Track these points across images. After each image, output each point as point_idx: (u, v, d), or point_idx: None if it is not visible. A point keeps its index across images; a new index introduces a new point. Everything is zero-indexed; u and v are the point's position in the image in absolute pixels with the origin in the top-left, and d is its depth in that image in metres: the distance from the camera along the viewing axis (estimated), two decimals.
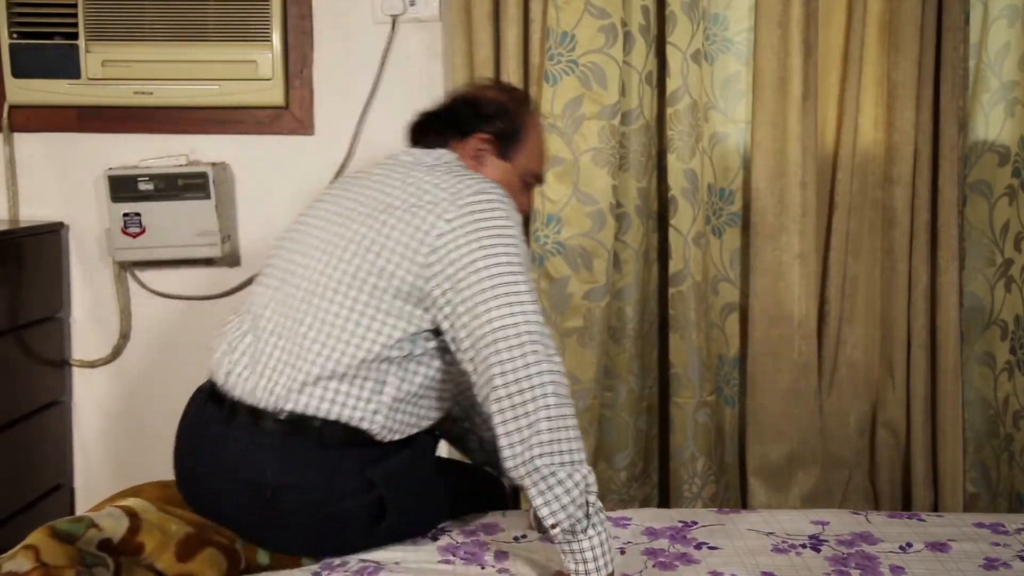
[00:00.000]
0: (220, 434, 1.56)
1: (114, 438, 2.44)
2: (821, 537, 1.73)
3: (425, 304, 1.50)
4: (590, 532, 1.44)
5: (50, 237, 2.33)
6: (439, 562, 1.60)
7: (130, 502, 1.50)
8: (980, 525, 1.80)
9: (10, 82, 2.28)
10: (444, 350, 1.55)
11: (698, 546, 1.69)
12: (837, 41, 2.22)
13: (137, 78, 2.29)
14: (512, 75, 2.16)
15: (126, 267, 2.38)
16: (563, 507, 1.42)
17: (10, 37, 2.27)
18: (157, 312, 2.40)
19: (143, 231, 2.25)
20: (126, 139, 2.34)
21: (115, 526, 1.43)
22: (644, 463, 2.32)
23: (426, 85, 2.33)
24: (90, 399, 2.43)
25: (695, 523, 1.79)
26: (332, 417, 1.51)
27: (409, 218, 1.51)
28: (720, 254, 2.31)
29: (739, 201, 2.30)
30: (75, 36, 2.26)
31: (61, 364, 2.39)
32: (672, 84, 2.17)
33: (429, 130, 1.74)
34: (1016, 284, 2.29)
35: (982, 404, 2.34)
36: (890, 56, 2.19)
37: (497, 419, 1.43)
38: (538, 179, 1.82)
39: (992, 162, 2.28)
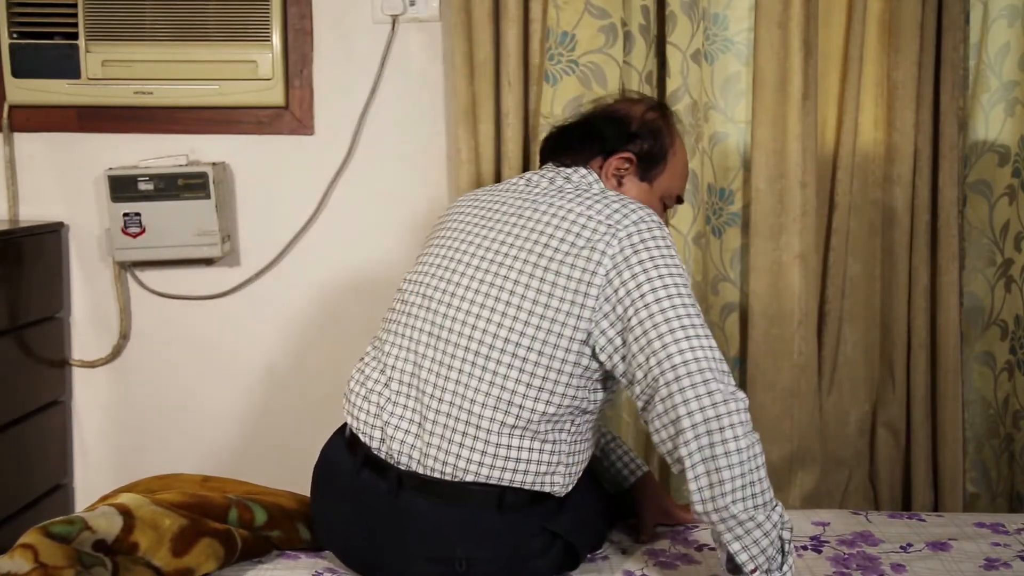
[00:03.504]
0: (395, 507, 1.49)
1: (114, 438, 2.44)
2: (822, 538, 1.73)
3: (596, 350, 1.44)
4: (784, 568, 1.42)
5: (50, 237, 2.33)
6: None
7: (123, 498, 1.50)
8: (980, 525, 1.81)
9: (10, 82, 2.28)
10: (608, 390, 1.51)
11: (699, 548, 1.69)
12: (837, 41, 2.22)
13: (137, 78, 2.29)
14: (512, 75, 2.16)
15: (126, 267, 2.38)
16: (762, 551, 1.40)
17: (10, 37, 2.27)
18: (157, 312, 2.40)
19: (143, 231, 2.25)
20: (126, 139, 2.34)
21: (108, 526, 1.43)
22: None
23: (426, 85, 2.34)
24: (90, 399, 2.43)
25: (696, 525, 1.79)
26: (516, 484, 1.46)
27: (571, 262, 1.44)
28: (720, 254, 2.31)
29: (739, 201, 2.30)
30: (75, 36, 2.26)
31: (61, 364, 2.39)
32: (672, 84, 2.16)
33: (568, 147, 1.65)
34: (1016, 284, 2.29)
35: (982, 404, 2.34)
36: (890, 56, 2.19)
37: (686, 463, 1.38)
38: (679, 200, 1.75)
39: (992, 162, 2.28)
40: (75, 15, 2.26)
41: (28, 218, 2.36)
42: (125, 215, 2.24)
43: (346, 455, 1.58)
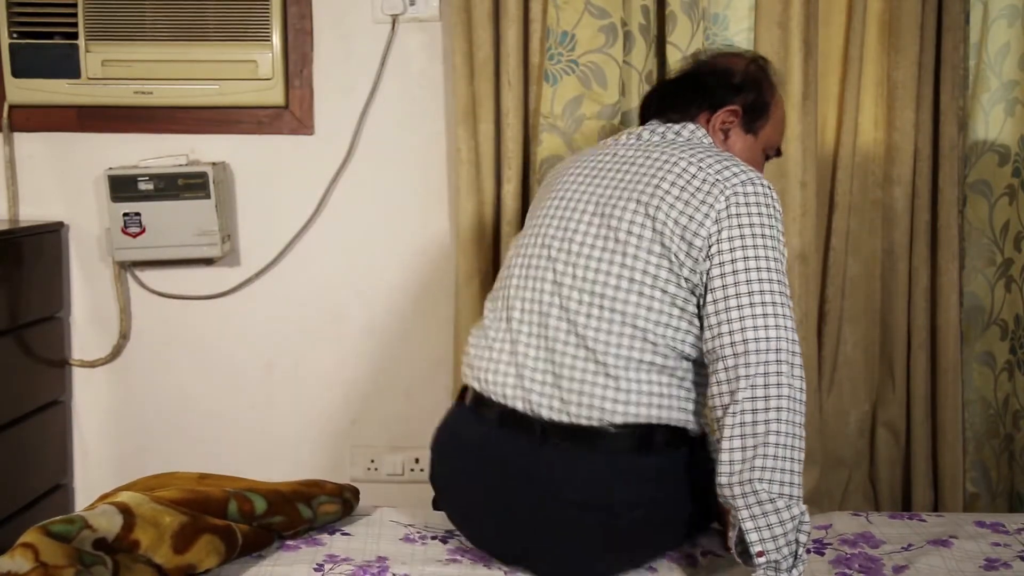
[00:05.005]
0: (540, 459, 1.47)
1: (114, 438, 2.44)
2: (824, 540, 1.72)
3: (697, 295, 1.45)
4: (794, 572, 1.39)
5: (50, 237, 2.33)
6: (447, 561, 1.60)
7: (122, 497, 1.50)
8: (980, 525, 1.80)
9: (10, 82, 2.28)
10: None
11: (704, 553, 1.68)
12: (837, 41, 2.22)
13: (137, 78, 2.29)
14: (512, 75, 2.16)
15: (126, 267, 2.38)
16: (773, 537, 1.37)
17: (10, 37, 2.27)
18: (157, 312, 2.40)
19: (143, 231, 2.25)
20: (126, 139, 2.34)
21: (109, 525, 1.43)
22: None
23: (426, 85, 2.34)
24: (90, 399, 2.43)
25: None
26: (657, 420, 1.46)
27: (681, 208, 1.44)
28: None
29: None
30: (75, 36, 2.26)
31: (61, 364, 2.39)
32: None
33: (674, 102, 1.65)
34: (1016, 284, 2.29)
35: (982, 404, 2.34)
36: (890, 56, 2.19)
37: (726, 432, 1.38)
38: (778, 152, 1.76)
39: (992, 162, 2.28)
40: (75, 15, 2.26)
41: (28, 218, 2.36)
42: (125, 215, 2.24)
43: (474, 421, 1.56)
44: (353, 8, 2.31)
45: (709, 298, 1.42)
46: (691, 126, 1.61)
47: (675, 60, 2.15)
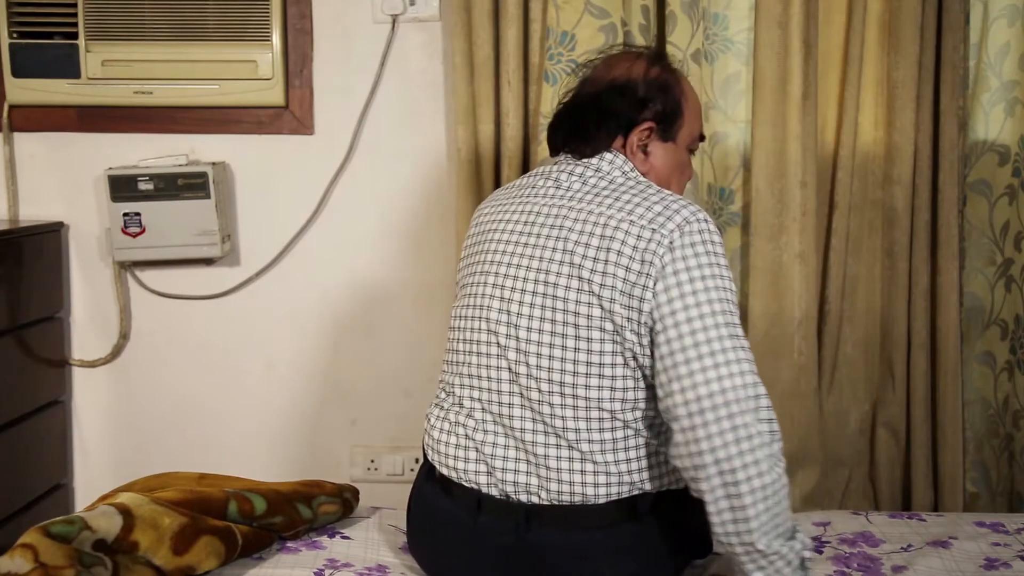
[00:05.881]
0: (526, 544, 1.44)
1: (114, 438, 2.44)
2: (823, 539, 1.72)
3: (633, 352, 1.40)
4: None
5: (50, 237, 2.33)
6: None
7: (122, 497, 1.50)
8: (980, 525, 1.80)
9: (10, 82, 2.28)
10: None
11: None
12: (837, 41, 2.22)
13: (137, 78, 2.29)
14: (512, 75, 2.16)
15: (126, 267, 2.38)
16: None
17: (10, 37, 2.27)
18: (157, 312, 2.40)
19: (143, 231, 2.25)
20: (126, 139, 2.34)
21: (108, 526, 1.43)
22: None
23: (426, 85, 2.33)
24: (90, 399, 2.43)
25: None
26: (645, 489, 1.44)
27: (623, 275, 1.38)
28: None
29: (739, 201, 2.30)
30: (75, 36, 2.26)
31: (61, 364, 2.39)
32: None
33: (583, 133, 1.55)
34: (1016, 284, 2.29)
35: (982, 404, 2.34)
36: (890, 56, 2.19)
37: (707, 497, 1.34)
38: (702, 137, 1.66)
39: (992, 162, 2.28)
40: (75, 15, 2.26)
41: (28, 218, 2.36)
42: (125, 215, 2.24)
43: (451, 503, 1.51)
44: (353, 8, 2.31)
45: (657, 355, 1.36)
46: (608, 156, 1.52)
47: (675, 60, 2.14)
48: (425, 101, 2.34)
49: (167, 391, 2.43)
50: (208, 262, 2.37)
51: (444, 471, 1.52)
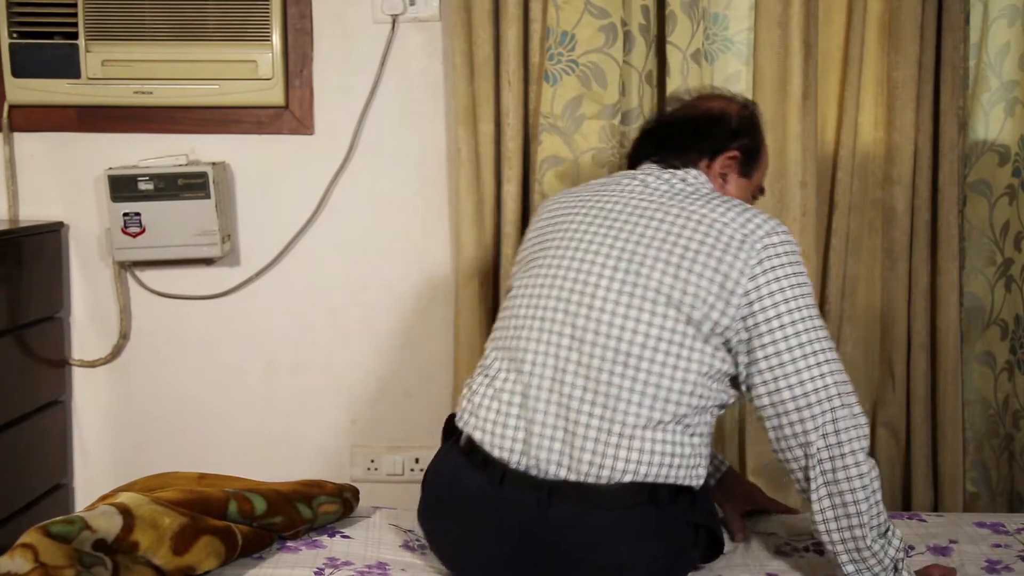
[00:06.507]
0: (547, 519, 1.46)
1: (114, 438, 2.44)
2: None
3: (733, 354, 1.48)
4: None
5: (50, 237, 2.33)
6: (446, 572, 1.60)
7: (122, 497, 1.50)
8: (981, 525, 1.80)
9: (10, 82, 2.28)
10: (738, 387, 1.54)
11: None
12: (837, 41, 2.22)
13: (137, 78, 2.29)
14: (512, 75, 2.16)
15: (126, 267, 2.38)
16: (875, 575, 1.48)
17: (10, 37, 2.26)
18: (157, 312, 2.40)
19: (143, 231, 2.25)
20: (126, 139, 2.34)
21: (108, 526, 1.43)
22: None
23: (426, 85, 2.33)
24: (90, 399, 2.43)
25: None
26: (669, 480, 1.47)
27: (714, 265, 1.46)
28: None
29: None
30: (75, 36, 2.26)
31: (61, 364, 2.39)
32: (672, 84, 2.16)
33: (674, 146, 1.64)
34: (1016, 284, 2.29)
35: (982, 404, 2.34)
36: (890, 56, 2.19)
37: (812, 486, 1.47)
38: (762, 191, 1.79)
39: (992, 162, 2.28)
40: (75, 15, 2.25)
41: (28, 218, 2.36)
42: (125, 215, 2.24)
43: (475, 474, 1.52)
44: (353, 8, 2.31)
45: (760, 355, 1.45)
46: (694, 172, 1.61)
47: (675, 60, 2.15)
48: (425, 101, 2.34)
49: (167, 391, 2.43)
50: (208, 262, 2.37)
51: (478, 435, 1.53)
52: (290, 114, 2.34)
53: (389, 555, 1.64)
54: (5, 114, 2.32)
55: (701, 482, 1.52)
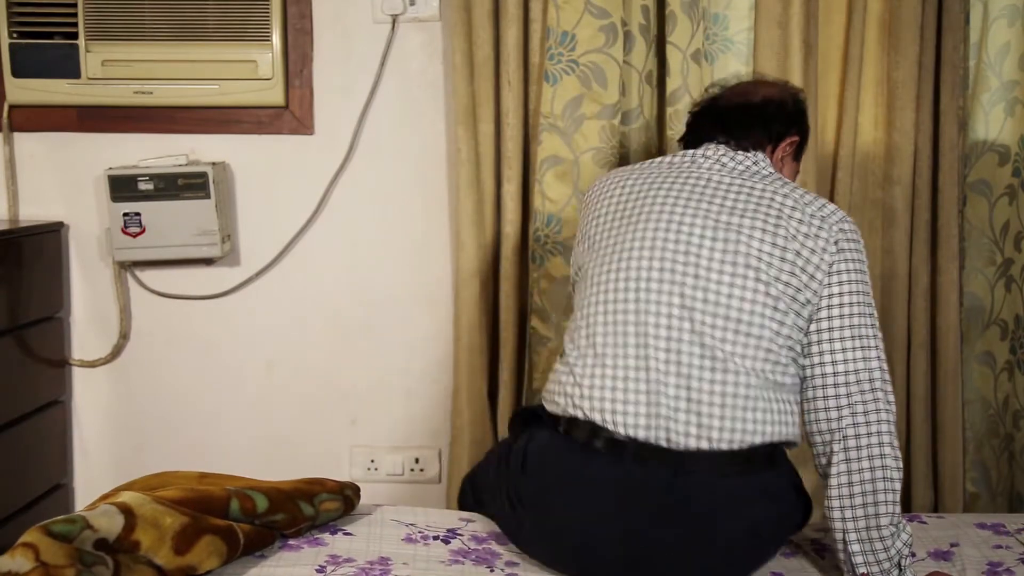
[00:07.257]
0: (680, 491, 1.47)
1: (114, 438, 2.44)
2: (823, 542, 1.72)
3: (807, 320, 1.53)
4: None
5: (50, 237, 2.33)
6: (450, 562, 1.60)
7: (123, 497, 1.50)
8: (981, 526, 1.80)
9: (10, 82, 2.28)
10: None
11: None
12: (837, 41, 2.22)
13: (137, 78, 2.29)
14: (512, 75, 2.16)
15: (126, 267, 2.38)
16: (878, 562, 1.51)
17: (10, 37, 2.27)
18: (157, 312, 2.40)
19: (143, 231, 2.25)
20: (126, 139, 2.34)
21: (110, 525, 1.43)
22: None
23: (426, 85, 2.34)
24: (90, 399, 2.43)
25: None
26: (785, 437, 1.53)
27: (802, 240, 1.51)
28: None
29: None
30: (75, 36, 2.26)
31: (61, 364, 2.39)
32: (672, 84, 2.17)
33: (741, 130, 1.66)
34: (1016, 284, 2.29)
35: (982, 404, 2.34)
36: (890, 56, 2.19)
37: (835, 459, 1.50)
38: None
39: (992, 162, 2.28)
40: (75, 15, 2.25)
41: (28, 218, 2.36)
42: (125, 215, 2.24)
43: (598, 457, 1.51)
44: (353, 8, 2.31)
45: (815, 327, 1.51)
46: (760, 155, 1.65)
47: (675, 60, 2.15)
48: (425, 101, 2.35)
49: (167, 391, 2.43)
50: (208, 262, 2.37)
51: (597, 417, 1.51)
52: (290, 114, 2.34)
53: (391, 549, 1.64)
54: (5, 114, 2.32)
55: (798, 443, 1.58)
